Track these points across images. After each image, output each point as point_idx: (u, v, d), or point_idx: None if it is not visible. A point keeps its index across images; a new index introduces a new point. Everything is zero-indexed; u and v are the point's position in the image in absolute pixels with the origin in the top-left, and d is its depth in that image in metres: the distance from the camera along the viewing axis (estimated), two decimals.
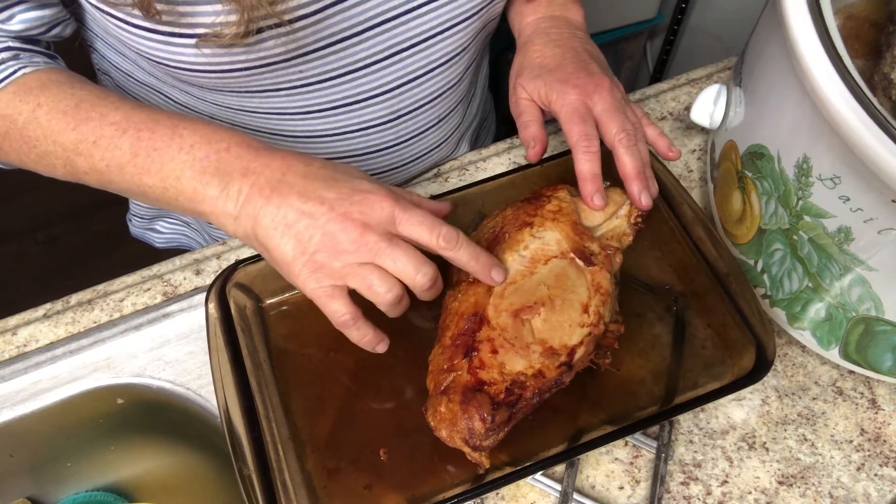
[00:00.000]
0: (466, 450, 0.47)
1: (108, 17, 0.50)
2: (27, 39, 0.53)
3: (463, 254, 0.47)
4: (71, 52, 0.59)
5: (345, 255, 0.44)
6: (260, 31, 0.49)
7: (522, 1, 0.64)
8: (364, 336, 0.47)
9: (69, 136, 0.48)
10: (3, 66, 0.50)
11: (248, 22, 0.46)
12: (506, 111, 0.64)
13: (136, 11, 0.47)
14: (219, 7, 0.47)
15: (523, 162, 0.72)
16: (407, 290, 0.46)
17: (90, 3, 0.50)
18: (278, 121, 0.61)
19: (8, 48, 0.51)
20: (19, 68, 0.50)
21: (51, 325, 0.63)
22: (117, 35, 0.52)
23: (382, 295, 0.44)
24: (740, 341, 0.53)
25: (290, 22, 0.49)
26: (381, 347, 0.48)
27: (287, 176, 0.45)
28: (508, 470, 0.48)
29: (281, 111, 0.60)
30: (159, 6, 0.47)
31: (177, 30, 0.49)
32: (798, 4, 0.47)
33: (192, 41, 0.49)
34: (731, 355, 0.55)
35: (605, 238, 0.55)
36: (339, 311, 0.45)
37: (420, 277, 0.45)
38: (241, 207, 0.45)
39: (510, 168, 0.70)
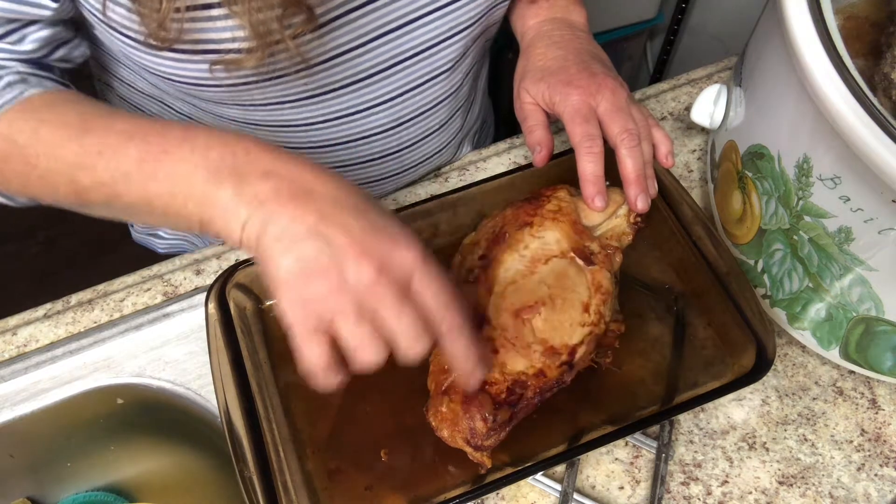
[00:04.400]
0: (468, 450, 0.47)
1: (115, 35, 0.50)
2: (38, 64, 0.52)
3: (459, 346, 0.41)
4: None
5: (348, 295, 0.37)
6: None
7: (524, 4, 0.64)
8: (319, 386, 0.40)
9: (72, 149, 0.44)
10: (9, 88, 0.48)
11: (263, 47, 0.46)
12: (505, 113, 0.64)
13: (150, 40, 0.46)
14: (231, 32, 0.47)
15: (523, 162, 0.72)
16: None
17: (98, 19, 0.49)
18: (283, 133, 0.60)
19: (17, 73, 0.50)
20: (27, 90, 0.48)
21: (51, 325, 0.63)
22: (122, 50, 0.52)
23: (363, 361, 0.38)
24: (740, 341, 0.53)
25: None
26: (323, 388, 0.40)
27: (316, 188, 0.39)
28: (509, 470, 0.48)
29: (285, 123, 0.59)
30: (172, 35, 0.46)
31: (188, 47, 0.48)
32: (798, 4, 0.47)
33: (202, 57, 0.49)
34: (731, 355, 0.55)
35: (605, 237, 0.55)
36: (311, 357, 0.38)
37: (412, 351, 0.38)
38: (253, 212, 0.39)
39: (510, 168, 0.70)
